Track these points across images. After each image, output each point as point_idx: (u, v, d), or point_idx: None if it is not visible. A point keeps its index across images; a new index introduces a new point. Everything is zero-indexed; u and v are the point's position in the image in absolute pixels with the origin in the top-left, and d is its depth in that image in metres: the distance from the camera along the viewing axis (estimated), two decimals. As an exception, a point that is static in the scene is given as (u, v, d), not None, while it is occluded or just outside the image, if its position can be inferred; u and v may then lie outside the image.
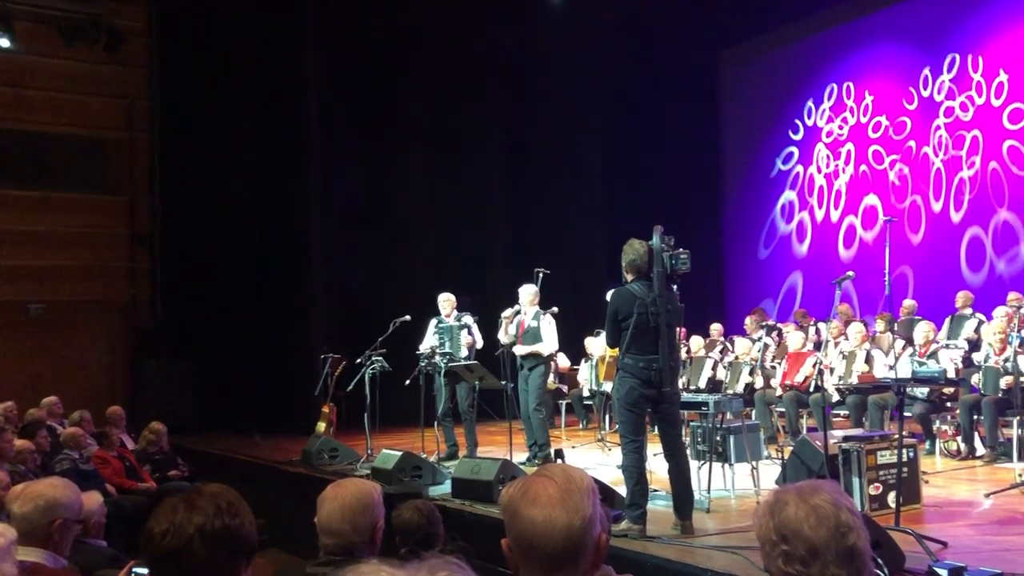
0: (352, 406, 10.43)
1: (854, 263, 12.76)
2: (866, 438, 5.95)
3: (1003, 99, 11.23)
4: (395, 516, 3.96)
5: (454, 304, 9.05)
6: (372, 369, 8.99)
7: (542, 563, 1.71)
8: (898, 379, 6.62)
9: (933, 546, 4.67)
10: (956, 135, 11.78)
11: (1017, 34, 11.16)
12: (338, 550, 2.62)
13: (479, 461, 7.07)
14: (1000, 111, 11.27)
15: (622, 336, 5.47)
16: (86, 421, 8.95)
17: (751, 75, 14.84)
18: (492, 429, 10.36)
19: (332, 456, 8.82)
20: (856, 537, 1.66)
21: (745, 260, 14.85)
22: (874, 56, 13.01)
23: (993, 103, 11.37)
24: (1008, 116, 11.16)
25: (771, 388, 9.54)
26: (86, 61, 13.59)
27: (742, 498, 6.46)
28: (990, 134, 11.37)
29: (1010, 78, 11.18)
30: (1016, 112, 11.08)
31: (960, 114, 11.74)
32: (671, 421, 5.63)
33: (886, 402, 8.15)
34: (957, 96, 11.77)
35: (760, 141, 14.70)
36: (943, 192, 11.91)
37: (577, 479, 1.78)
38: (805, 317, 11.88)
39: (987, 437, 7.84)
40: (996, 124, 11.31)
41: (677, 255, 5.47)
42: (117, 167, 14.20)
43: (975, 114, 11.58)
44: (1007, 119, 11.18)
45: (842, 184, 13.40)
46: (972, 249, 11.52)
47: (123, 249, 14.12)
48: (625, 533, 5.27)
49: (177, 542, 1.80)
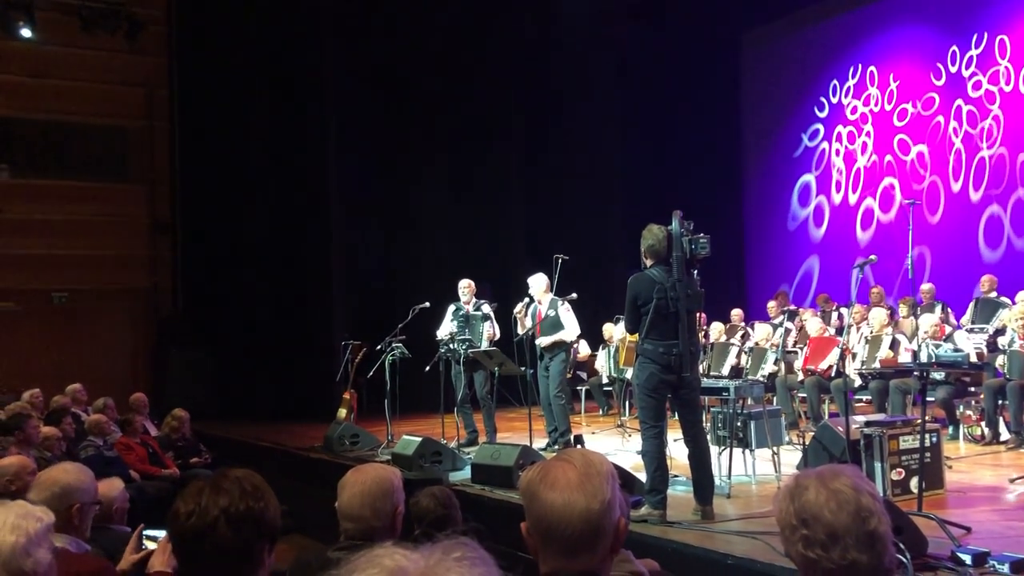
0: (372, 392, 10.48)
1: (872, 246, 12.74)
2: (888, 423, 5.90)
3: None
4: (412, 504, 3.99)
5: (474, 290, 9.04)
6: (392, 356, 9.02)
7: (561, 547, 1.71)
8: (921, 363, 6.56)
9: (956, 531, 4.64)
10: (976, 115, 11.68)
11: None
12: (358, 535, 2.64)
13: (499, 447, 7.09)
14: (1019, 91, 11.17)
15: (642, 322, 5.45)
16: (109, 408, 9.04)
17: (772, 59, 14.70)
18: (511, 415, 10.37)
19: (353, 442, 8.87)
20: (877, 522, 1.65)
21: (765, 245, 14.76)
22: (895, 38, 12.89)
23: (1009, 84, 11.27)
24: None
25: (793, 373, 9.49)
26: (105, 50, 13.67)
27: (763, 484, 6.44)
28: (1011, 114, 11.27)
29: (1017, 55, 11.14)
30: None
31: (980, 94, 11.64)
32: (691, 407, 5.61)
33: (909, 387, 8.09)
34: (979, 76, 11.66)
35: (780, 125, 14.58)
36: (962, 172, 11.82)
37: (596, 463, 1.78)
38: (828, 302, 11.81)
39: (1012, 422, 7.75)
40: (1018, 104, 11.20)
41: (696, 240, 5.43)
42: (137, 156, 14.31)
43: (995, 95, 11.49)
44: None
45: (861, 166, 13.31)
46: (990, 227, 11.47)
47: (144, 237, 14.25)
48: (645, 519, 5.27)
49: (202, 522, 1.82)
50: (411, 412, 10.42)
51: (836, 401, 8.78)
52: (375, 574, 0.94)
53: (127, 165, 14.31)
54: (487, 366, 8.45)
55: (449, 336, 8.72)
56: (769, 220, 14.66)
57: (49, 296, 13.38)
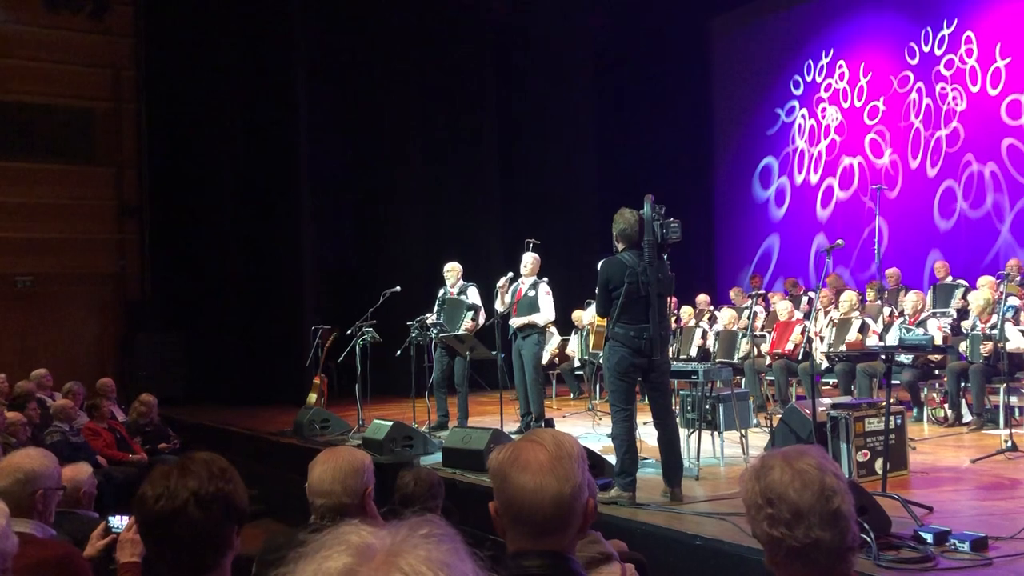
0: (343, 377, 10.45)
1: (832, 223, 13.10)
2: (854, 405, 5.99)
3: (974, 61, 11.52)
4: (400, 479, 4.09)
5: (459, 273, 8.88)
6: (363, 340, 8.99)
7: (531, 528, 1.72)
8: (886, 346, 6.66)
9: (919, 511, 4.73)
10: (935, 97, 12.01)
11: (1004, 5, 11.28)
12: (328, 512, 2.65)
13: (470, 431, 7.11)
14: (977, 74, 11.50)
15: (613, 305, 5.48)
16: (76, 393, 8.95)
17: (740, 44, 14.81)
18: (483, 399, 10.39)
19: (323, 427, 8.85)
20: (840, 501, 1.68)
21: (733, 229, 14.91)
22: (861, 24, 13.10)
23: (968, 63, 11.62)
24: (991, 81, 11.36)
25: (761, 357, 9.59)
26: (71, 29, 13.42)
27: (731, 466, 6.51)
28: (971, 94, 11.61)
29: (979, 42, 11.45)
30: (996, 75, 11.31)
31: (942, 74, 11.95)
32: (661, 390, 5.65)
33: (875, 370, 8.21)
34: (943, 61, 11.94)
35: (749, 111, 14.69)
36: (920, 151, 12.20)
37: (567, 445, 1.78)
38: (796, 286, 11.94)
39: (974, 404, 7.91)
40: (976, 84, 11.53)
41: (668, 224, 5.46)
42: (104, 138, 14.07)
43: (947, 79, 11.86)
44: (990, 84, 11.37)
45: (823, 147, 13.57)
46: (944, 200, 11.91)
47: (111, 221, 14.04)
48: (615, 500, 5.32)
49: (172, 505, 1.82)
50: (382, 397, 10.41)
51: (803, 384, 8.89)
52: (341, 551, 0.94)
53: (94, 147, 14.07)
54: (459, 351, 8.44)
55: (419, 321, 8.64)
56: (737, 204, 14.82)
57: (13, 280, 13.16)
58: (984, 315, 7.94)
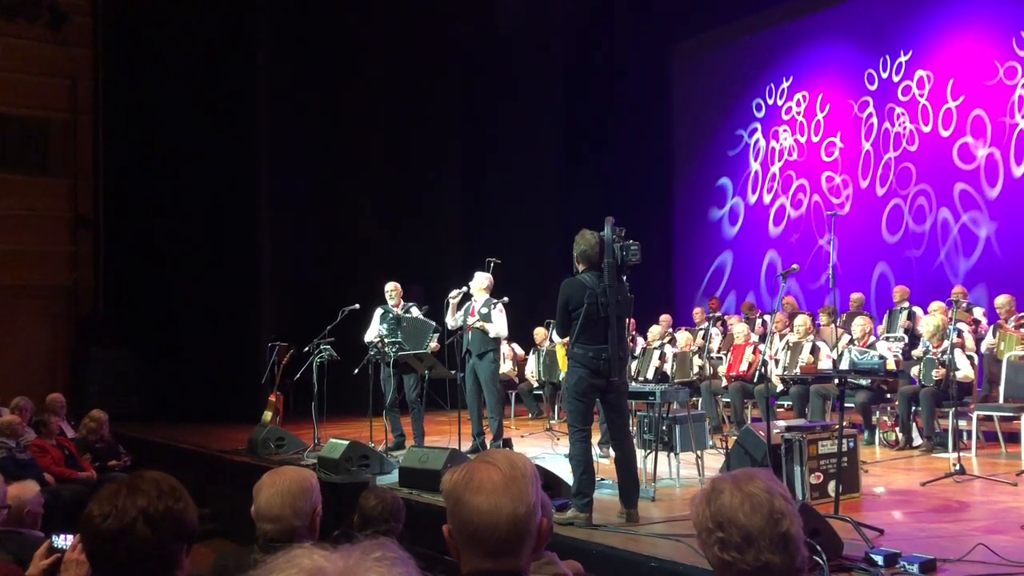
0: (299, 395, 10.34)
1: (783, 239, 13.41)
2: (808, 428, 6.07)
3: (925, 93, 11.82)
4: (363, 499, 4.05)
5: (400, 293, 9.02)
6: (320, 358, 8.91)
7: (486, 549, 1.71)
8: (840, 370, 6.76)
9: (870, 533, 4.79)
10: (889, 122, 12.33)
11: (956, 36, 11.59)
12: (278, 536, 2.60)
13: (427, 451, 7.07)
14: (929, 114, 11.82)
15: (572, 326, 5.50)
16: (24, 409, 8.74)
17: (704, 69, 15.05)
18: (440, 419, 10.35)
19: (278, 445, 8.74)
20: (789, 523, 1.70)
21: (691, 250, 15.10)
22: (820, 53, 13.38)
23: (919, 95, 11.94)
24: (943, 121, 11.71)
25: (717, 378, 9.68)
26: (27, 39, 13.24)
27: (687, 487, 6.55)
28: (918, 120, 11.95)
29: (934, 79, 11.79)
30: (948, 115, 11.63)
31: (896, 103, 12.26)
32: (618, 411, 5.68)
33: (828, 392, 8.33)
34: (898, 88, 12.25)
35: (710, 134, 14.92)
36: (871, 171, 12.53)
37: (520, 466, 1.78)
38: (752, 310, 12.09)
39: (924, 428, 8.06)
40: (925, 113, 11.88)
41: (628, 246, 5.51)
42: (59, 149, 13.87)
43: (899, 112, 12.19)
44: (941, 125, 11.72)
45: (776, 169, 13.84)
46: (892, 216, 12.24)
47: (65, 233, 13.81)
48: (571, 521, 5.31)
49: (119, 524, 1.79)
50: (338, 415, 10.32)
51: (759, 406, 8.99)
52: (293, 574, 0.94)
53: (48, 158, 13.85)
54: (417, 369, 8.41)
55: (379, 339, 8.64)
56: (695, 225, 15.04)
57: (-38, 292, 12.89)
58: (935, 340, 8.10)
